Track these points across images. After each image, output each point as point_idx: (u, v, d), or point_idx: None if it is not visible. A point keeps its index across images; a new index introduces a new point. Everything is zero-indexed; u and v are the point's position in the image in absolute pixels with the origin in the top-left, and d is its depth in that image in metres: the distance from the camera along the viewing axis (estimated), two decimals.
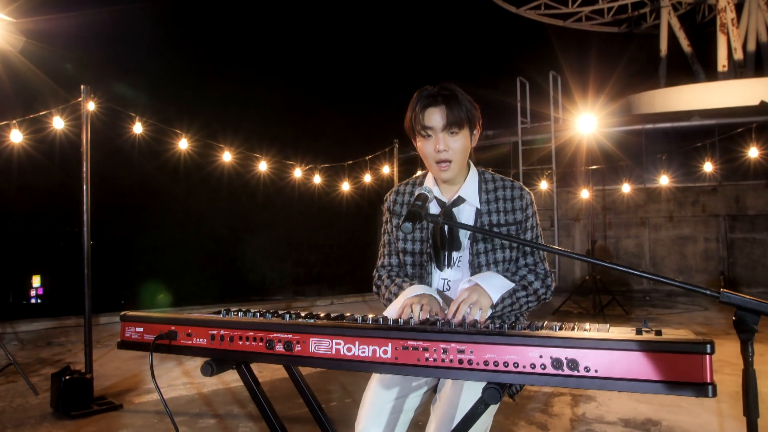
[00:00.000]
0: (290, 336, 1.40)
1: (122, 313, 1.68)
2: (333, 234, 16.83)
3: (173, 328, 1.57)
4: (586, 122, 8.19)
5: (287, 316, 1.50)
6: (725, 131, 10.05)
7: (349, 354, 1.33)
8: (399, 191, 2.03)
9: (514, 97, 10.28)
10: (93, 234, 4.39)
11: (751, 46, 16.83)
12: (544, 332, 1.24)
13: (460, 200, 1.90)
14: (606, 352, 1.14)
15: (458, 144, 1.80)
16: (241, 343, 1.46)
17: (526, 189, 1.93)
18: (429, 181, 1.95)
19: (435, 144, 1.79)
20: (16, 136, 4.27)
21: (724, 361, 4.87)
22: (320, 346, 1.36)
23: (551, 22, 21.85)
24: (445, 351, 1.24)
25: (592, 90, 15.59)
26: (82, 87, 4.31)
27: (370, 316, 1.68)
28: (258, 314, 1.58)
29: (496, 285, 1.74)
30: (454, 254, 1.88)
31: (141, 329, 1.63)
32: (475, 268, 1.85)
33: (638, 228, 10.68)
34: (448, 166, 1.81)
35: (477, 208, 1.89)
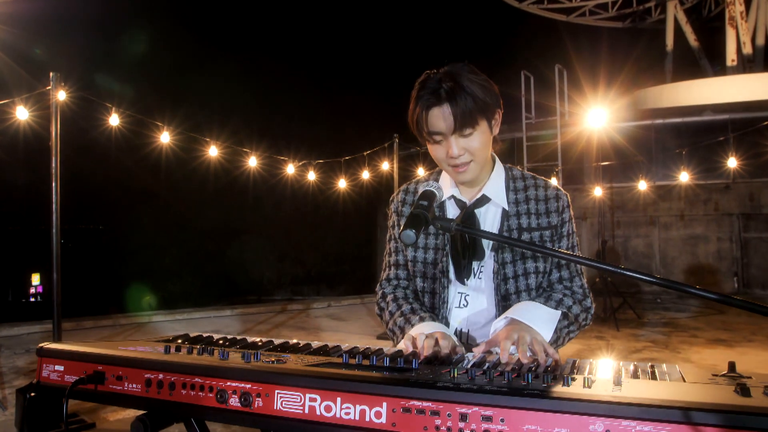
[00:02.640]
0: (249, 386, 1.02)
1: (39, 345, 1.31)
2: (331, 233, 16.47)
3: (100, 368, 1.19)
4: (597, 116, 7.80)
5: (249, 355, 1.12)
6: (739, 126, 9.66)
7: (328, 415, 0.95)
8: (408, 190, 1.69)
9: (518, 92, 9.89)
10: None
11: (760, 40, 16.41)
12: (609, 393, 0.85)
13: (484, 200, 1.55)
14: (712, 430, 0.76)
15: (475, 143, 1.44)
16: (184, 392, 1.08)
17: (562, 189, 1.58)
18: (446, 178, 1.60)
19: (447, 149, 1.44)
20: None
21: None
22: (289, 401, 0.99)
23: (554, 16, 21.44)
24: (464, 417, 0.87)
25: (596, 85, 15.20)
26: (51, 74, 3.94)
27: (362, 349, 1.31)
28: (210, 350, 1.20)
29: (540, 317, 1.37)
30: (474, 264, 1.54)
31: (62, 368, 1.25)
32: (500, 281, 1.51)
33: (648, 227, 10.29)
34: (466, 167, 1.46)
35: (504, 209, 1.54)
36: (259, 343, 1.38)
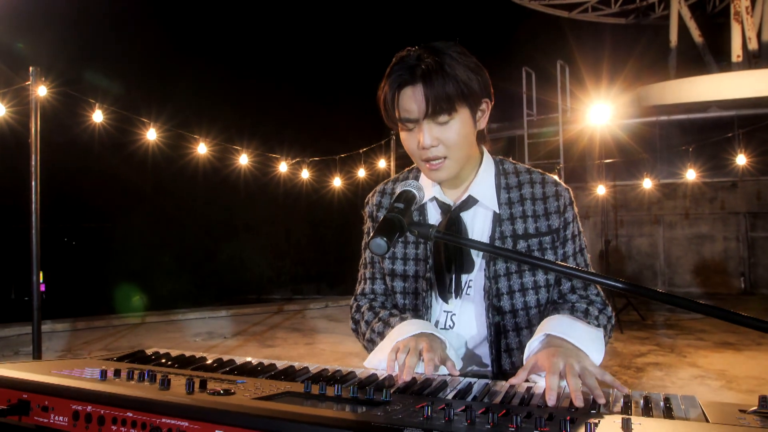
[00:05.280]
0: (186, 424, 0.86)
1: None
2: (330, 232, 16.33)
3: (25, 396, 1.03)
4: (599, 113, 7.62)
5: (192, 384, 0.95)
6: (746, 123, 9.46)
7: None
8: (385, 191, 1.51)
9: (520, 89, 9.72)
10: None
11: (766, 36, 16.17)
12: None
13: (471, 201, 1.35)
14: None
15: (451, 134, 1.23)
16: (115, 428, 0.92)
17: (563, 184, 1.37)
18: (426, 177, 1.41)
19: (418, 138, 1.24)
20: None
21: (763, 379, 4.32)
22: None
23: (556, 13, 21.24)
24: None
25: (599, 82, 14.99)
26: (30, 69, 3.79)
27: (331, 372, 1.15)
28: (152, 375, 1.04)
29: (583, 335, 1.19)
30: (463, 278, 1.35)
31: None
32: (492, 297, 1.32)
33: (652, 226, 10.10)
34: (439, 164, 1.26)
35: (495, 213, 1.34)
36: (216, 365, 1.22)
